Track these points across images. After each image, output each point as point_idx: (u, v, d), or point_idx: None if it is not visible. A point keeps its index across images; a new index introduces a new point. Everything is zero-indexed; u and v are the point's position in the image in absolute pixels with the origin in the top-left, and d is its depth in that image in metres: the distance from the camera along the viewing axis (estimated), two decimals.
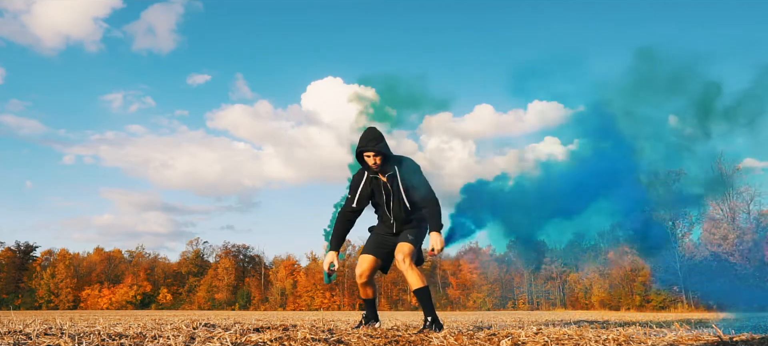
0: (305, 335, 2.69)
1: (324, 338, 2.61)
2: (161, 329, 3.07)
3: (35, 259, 65.64)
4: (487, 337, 2.84)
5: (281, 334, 2.79)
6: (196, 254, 70.18)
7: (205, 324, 3.73)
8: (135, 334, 2.73)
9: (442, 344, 2.59)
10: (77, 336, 2.53)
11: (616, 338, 2.74)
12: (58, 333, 2.74)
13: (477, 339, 2.74)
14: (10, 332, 2.82)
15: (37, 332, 2.84)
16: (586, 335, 2.94)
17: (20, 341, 2.39)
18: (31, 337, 2.57)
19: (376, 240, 3.85)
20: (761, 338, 2.63)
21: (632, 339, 2.72)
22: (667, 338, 2.72)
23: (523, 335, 2.93)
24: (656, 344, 2.58)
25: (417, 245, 3.72)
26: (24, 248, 65.14)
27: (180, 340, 2.37)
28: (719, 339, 2.65)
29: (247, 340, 2.47)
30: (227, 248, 70.77)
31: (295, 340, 2.52)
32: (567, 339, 2.73)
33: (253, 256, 71.83)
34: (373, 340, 2.71)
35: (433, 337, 2.82)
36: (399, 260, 3.62)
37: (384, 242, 3.82)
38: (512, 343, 2.57)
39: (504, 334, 3.04)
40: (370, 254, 3.81)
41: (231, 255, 69.85)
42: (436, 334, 3.01)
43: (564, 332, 3.22)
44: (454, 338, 2.78)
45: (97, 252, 68.95)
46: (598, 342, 2.63)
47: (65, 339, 2.38)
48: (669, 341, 2.65)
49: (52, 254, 66.04)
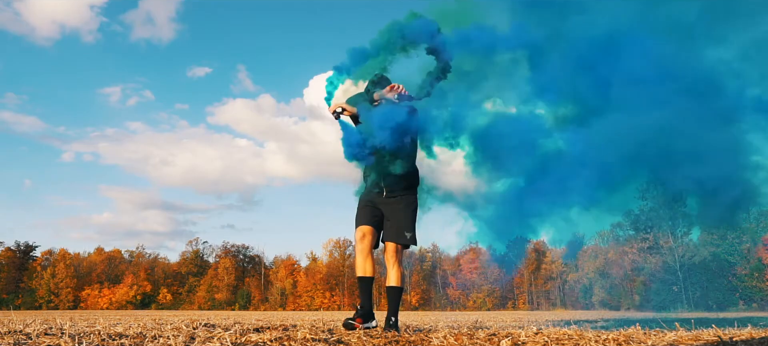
0: (305, 335, 2.69)
1: (324, 338, 2.61)
2: (161, 329, 3.07)
3: (35, 259, 65.69)
4: (487, 337, 2.84)
5: (281, 334, 2.79)
6: (195, 253, 70.21)
7: (205, 324, 3.73)
8: (135, 334, 2.73)
9: (442, 344, 2.59)
10: (77, 336, 2.53)
11: (616, 338, 2.74)
12: (58, 333, 2.74)
13: (477, 339, 2.74)
14: (10, 332, 2.82)
15: (37, 332, 2.84)
16: (586, 335, 2.94)
17: (20, 341, 2.39)
18: (31, 337, 2.57)
19: (371, 211, 3.61)
20: (761, 338, 2.63)
21: (632, 339, 2.72)
22: (667, 338, 2.72)
23: (523, 335, 2.93)
24: (656, 344, 2.58)
25: (412, 237, 3.59)
26: (24, 248, 65.18)
27: (180, 340, 2.37)
28: (719, 339, 2.65)
29: (247, 340, 2.47)
30: (227, 248, 70.83)
31: (295, 340, 2.52)
32: (567, 339, 2.73)
33: (253, 256, 71.90)
34: (373, 340, 2.71)
35: (433, 337, 2.82)
36: (389, 254, 3.54)
37: (374, 213, 3.60)
38: (512, 343, 2.57)
39: (504, 334, 3.04)
40: (367, 225, 3.56)
41: (231, 255, 69.88)
42: (435, 334, 3.01)
43: (564, 332, 3.23)
44: (454, 338, 2.78)
45: (98, 252, 69.01)
46: (598, 342, 2.63)
47: (65, 339, 2.38)
48: (669, 341, 2.65)
49: (52, 254, 66.12)
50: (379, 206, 3.61)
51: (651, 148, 3.85)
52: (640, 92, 3.78)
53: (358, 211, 3.66)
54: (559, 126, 4.12)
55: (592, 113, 3.98)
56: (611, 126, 3.80)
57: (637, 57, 3.88)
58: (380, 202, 3.60)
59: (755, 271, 42.38)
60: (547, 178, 3.99)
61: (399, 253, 3.56)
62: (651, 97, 3.80)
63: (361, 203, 3.68)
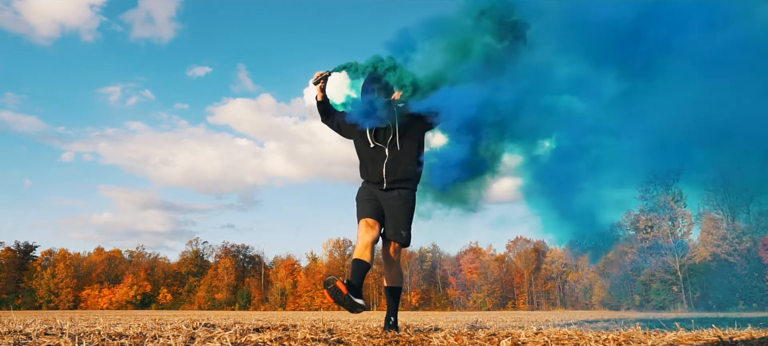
0: (305, 335, 2.69)
1: (324, 338, 2.61)
2: (161, 329, 3.07)
3: (35, 259, 65.69)
4: (487, 337, 2.84)
5: (281, 334, 2.79)
6: (195, 253, 70.21)
7: (205, 324, 3.73)
8: (135, 334, 2.73)
9: (442, 344, 2.59)
10: (77, 336, 2.53)
11: (616, 338, 2.74)
12: (58, 333, 2.74)
13: (477, 339, 2.74)
14: (10, 332, 2.82)
15: (37, 332, 2.84)
16: (586, 335, 2.94)
17: (20, 341, 2.39)
18: (31, 337, 2.57)
19: (374, 205, 3.49)
20: (761, 338, 2.63)
21: (632, 339, 2.72)
22: (667, 338, 2.72)
23: (523, 335, 2.93)
24: (656, 344, 2.58)
25: (407, 236, 3.51)
26: (24, 248, 65.18)
27: (180, 340, 2.37)
28: (719, 339, 2.65)
29: (247, 340, 2.47)
30: (227, 248, 70.84)
31: (295, 340, 2.52)
32: (567, 339, 2.73)
33: (253, 256, 71.91)
34: (373, 340, 2.71)
35: (433, 337, 2.82)
36: (390, 252, 3.48)
37: (377, 207, 3.49)
38: (512, 343, 2.57)
39: (504, 334, 3.04)
40: (372, 217, 3.43)
41: (231, 255, 69.88)
42: (435, 334, 3.01)
43: (564, 332, 3.23)
44: (454, 338, 2.78)
45: (98, 252, 69.04)
46: (598, 342, 2.63)
47: (65, 339, 2.38)
48: (669, 341, 2.65)
49: (52, 254, 66.14)
50: (379, 199, 3.50)
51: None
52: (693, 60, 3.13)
53: (360, 203, 3.52)
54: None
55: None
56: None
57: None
58: (379, 195, 3.50)
59: (755, 271, 42.37)
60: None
61: (398, 252, 3.52)
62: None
63: (361, 196, 3.55)
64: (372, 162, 3.49)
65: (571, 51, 3.36)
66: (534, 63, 3.35)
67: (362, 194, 3.56)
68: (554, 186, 3.37)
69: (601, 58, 3.31)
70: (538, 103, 3.34)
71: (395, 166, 3.44)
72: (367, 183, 3.57)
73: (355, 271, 3.25)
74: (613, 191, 3.29)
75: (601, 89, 3.35)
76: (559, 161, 3.38)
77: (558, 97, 3.41)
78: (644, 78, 3.26)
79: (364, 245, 3.31)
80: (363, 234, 3.36)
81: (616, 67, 3.31)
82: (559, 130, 3.42)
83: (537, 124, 3.37)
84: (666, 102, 3.20)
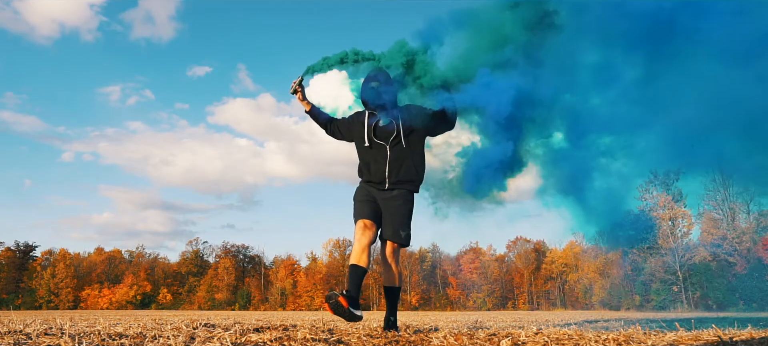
0: (305, 335, 2.69)
1: (324, 338, 2.61)
2: (161, 329, 3.07)
3: (35, 259, 65.69)
4: (487, 337, 2.84)
5: (281, 334, 2.79)
6: (195, 253, 70.21)
7: (205, 324, 3.73)
8: (135, 334, 2.73)
9: (442, 344, 2.59)
10: (77, 336, 2.53)
11: (616, 338, 2.74)
12: (58, 333, 2.74)
13: (477, 339, 2.74)
14: (10, 332, 2.82)
15: (37, 332, 2.84)
16: (586, 335, 2.94)
17: (20, 341, 2.39)
18: (31, 337, 2.57)
19: (372, 206, 3.47)
20: (761, 338, 2.63)
21: (632, 339, 2.72)
22: (667, 338, 2.72)
23: (523, 335, 2.93)
24: (656, 344, 2.58)
25: (406, 236, 3.51)
26: (24, 248, 65.18)
27: (180, 340, 2.37)
28: (719, 339, 2.65)
29: (247, 340, 2.47)
30: (227, 248, 70.84)
31: (295, 340, 2.52)
32: (567, 339, 2.73)
33: (253, 256, 71.90)
34: (373, 340, 2.71)
35: (433, 337, 2.82)
36: (388, 253, 3.46)
37: (375, 208, 3.46)
38: (512, 343, 2.57)
39: (504, 334, 3.04)
40: (369, 219, 3.41)
41: (231, 255, 69.88)
42: (435, 334, 3.01)
43: (564, 332, 3.22)
44: (454, 338, 2.78)
45: (98, 252, 69.03)
46: (598, 342, 2.63)
47: (65, 339, 2.38)
48: (669, 341, 2.65)
49: (52, 254, 66.13)
50: (377, 199, 3.48)
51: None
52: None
53: (358, 204, 3.49)
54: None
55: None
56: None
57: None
58: (378, 195, 3.48)
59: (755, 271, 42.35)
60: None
61: (396, 252, 3.50)
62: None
63: (359, 196, 3.52)
64: (374, 162, 3.47)
65: (603, 39, 3.27)
66: (566, 53, 3.27)
67: (360, 194, 3.54)
68: (575, 180, 3.35)
69: (631, 47, 3.22)
70: (569, 97, 3.25)
71: (399, 165, 3.42)
72: (367, 183, 3.55)
73: (353, 278, 3.25)
74: (637, 180, 3.24)
75: (625, 79, 3.29)
76: (580, 153, 3.35)
77: (585, 92, 3.33)
78: (672, 69, 3.18)
79: (361, 248, 3.30)
80: (360, 236, 3.33)
81: (645, 56, 3.24)
82: (582, 123, 3.35)
83: (565, 118, 3.29)
84: (692, 93, 3.15)
